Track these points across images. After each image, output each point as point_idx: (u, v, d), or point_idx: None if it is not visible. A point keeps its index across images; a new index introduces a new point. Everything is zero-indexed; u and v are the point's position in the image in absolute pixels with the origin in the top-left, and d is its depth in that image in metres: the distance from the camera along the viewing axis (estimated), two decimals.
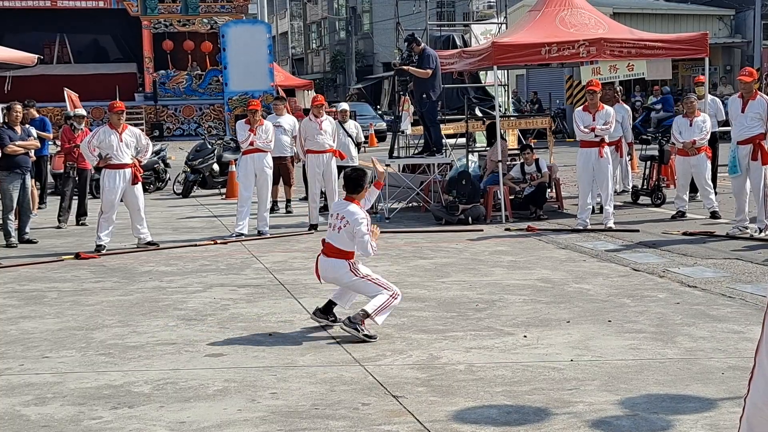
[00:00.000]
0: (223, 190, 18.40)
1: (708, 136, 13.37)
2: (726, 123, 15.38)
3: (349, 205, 7.40)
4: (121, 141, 11.83)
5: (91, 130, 15.66)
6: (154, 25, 36.88)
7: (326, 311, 7.60)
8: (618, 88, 17.37)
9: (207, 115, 36.02)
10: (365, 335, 7.11)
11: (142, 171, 12.29)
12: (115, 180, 11.80)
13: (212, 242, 12.33)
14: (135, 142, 12.02)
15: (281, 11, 76.60)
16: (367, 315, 7.17)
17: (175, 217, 15.24)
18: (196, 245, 12.18)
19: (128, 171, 11.89)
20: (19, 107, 12.95)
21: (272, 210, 14.72)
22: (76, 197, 14.65)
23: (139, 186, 12.06)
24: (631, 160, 16.70)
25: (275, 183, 15.10)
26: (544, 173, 14.22)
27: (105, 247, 11.78)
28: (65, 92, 20.81)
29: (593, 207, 13.25)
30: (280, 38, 73.12)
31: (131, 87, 35.33)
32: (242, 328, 7.64)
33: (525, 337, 7.15)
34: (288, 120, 15.61)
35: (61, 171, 15.48)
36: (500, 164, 13.91)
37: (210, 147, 19.37)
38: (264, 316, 8.05)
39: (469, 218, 13.49)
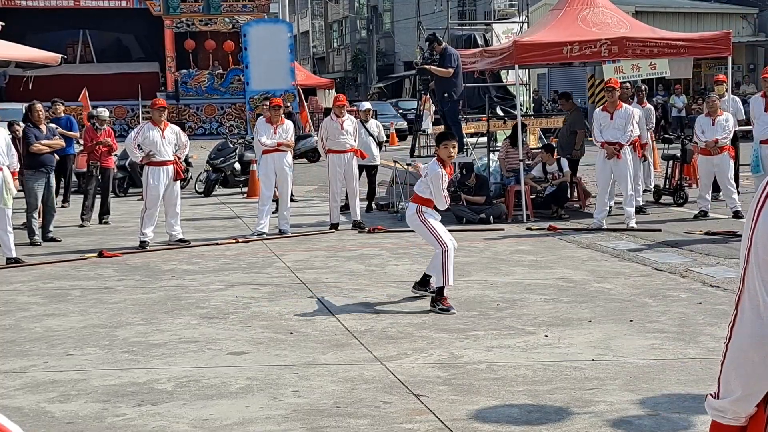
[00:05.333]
0: (245, 189, 18.46)
1: (731, 135, 13.30)
2: (746, 122, 15.29)
3: (434, 162, 8.37)
4: (164, 138, 11.99)
5: (113, 130, 15.79)
6: (176, 25, 37.03)
7: (423, 284, 8.56)
8: (644, 87, 17.24)
9: (228, 114, 36.13)
10: (441, 309, 8.01)
11: (183, 167, 12.46)
12: (159, 176, 11.95)
13: (234, 241, 12.39)
14: (176, 138, 12.18)
15: (302, 10, 76.68)
16: (441, 290, 8.10)
17: (197, 215, 15.31)
18: (218, 244, 12.24)
19: (171, 167, 12.07)
20: (39, 106, 13.06)
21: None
22: (99, 196, 14.74)
23: (178, 183, 12.25)
24: (645, 160, 16.60)
25: None
26: (566, 173, 14.18)
27: (149, 243, 11.91)
28: (84, 93, 20.94)
29: (611, 207, 13.21)
30: (301, 37, 73.21)
31: (153, 86, 35.44)
32: (264, 326, 7.68)
33: (546, 336, 7.15)
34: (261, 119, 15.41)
35: (84, 170, 15.58)
36: (521, 163, 13.89)
37: (232, 146, 19.44)
38: (286, 315, 8.08)
39: (491, 217, 13.49)
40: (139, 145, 12.01)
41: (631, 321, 7.55)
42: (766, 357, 2.11)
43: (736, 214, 13.16)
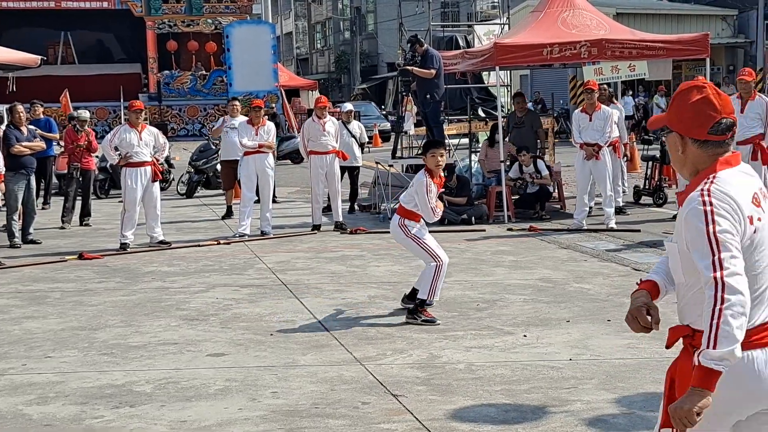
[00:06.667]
0: None
1: None
2: None
3: (421, 171, 8.03)
4: (141, 139, 12.00)
5: (95, 131, 15.75)
6: (158, 26, 36.95)
7: (412, 297, 8.00)
8: (610, 90, 17.36)
9: (211, 116, 36.07)
10: (424, 320, 7.65)
11: (161, 169, 12.46)
12: (136, 178, 11.96)
13: (215, 242, 12.38)
14: (153, 140, 12.19)
15: (285, 11, 76.63)
16: (422, 303, 7.76)
17: (178, 217, 15.29)
18: (199, 245, 12.23)
19: (148, 169, 12.08)
20: (20, 107, 13.02)
21: (229, 216, 14.83)
22: (80, 198, 14.70)
23: (157, 184, 12.26)
24: (629, 160, 16.70)
25: (232, 187, 15.11)
26: (545, 176, 14.17)
27: (130, 245, 11.91)
28: (66, 94, 20.85)
29: (591, 208, 13.27)
30: (284, 38, 73.12)
31: (135, 87, 35.36)
32: (244, 327, 7.69)
33: (525, 336, 7.20)
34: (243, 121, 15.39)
35: (65, 171, 15.52)
36: (502, 164, 13.94)
37: (214, 147, 19.39)
38: (266, 316, 8.10)
39: (472, 218, 13.52)
40: (116, 147, 12.02)
41: (608, 321, 7.60)
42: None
43: None
